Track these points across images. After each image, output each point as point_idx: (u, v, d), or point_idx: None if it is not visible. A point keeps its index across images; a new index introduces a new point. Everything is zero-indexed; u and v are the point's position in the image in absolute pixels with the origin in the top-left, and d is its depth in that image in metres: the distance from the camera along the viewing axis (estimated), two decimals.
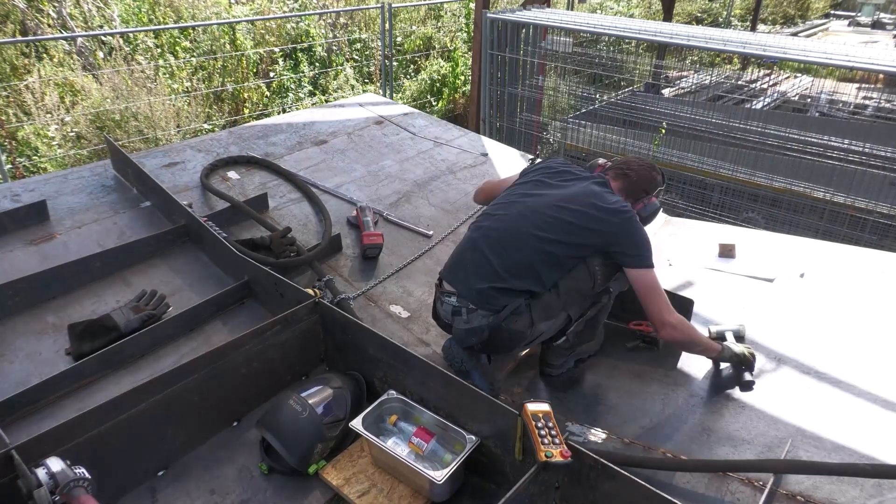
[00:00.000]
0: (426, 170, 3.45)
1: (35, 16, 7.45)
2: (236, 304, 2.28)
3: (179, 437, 1.74)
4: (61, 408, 1.79)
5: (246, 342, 1.86)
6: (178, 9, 8.39)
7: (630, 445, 1.84)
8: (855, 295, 2.52)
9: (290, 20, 8.46)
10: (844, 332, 2.30)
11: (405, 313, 2.39)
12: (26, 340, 2.01)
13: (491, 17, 5.89)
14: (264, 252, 2.45)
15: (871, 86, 7.32)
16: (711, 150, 5.25)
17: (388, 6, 7.43)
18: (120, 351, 1.95)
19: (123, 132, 6.35)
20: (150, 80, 6.80)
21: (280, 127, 3.68)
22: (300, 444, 1.72)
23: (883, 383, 2.03)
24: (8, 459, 1.41)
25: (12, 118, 6.16)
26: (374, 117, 3.99)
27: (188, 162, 3.14)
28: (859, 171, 4.58)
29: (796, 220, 4.82)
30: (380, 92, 8.39)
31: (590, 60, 6.17)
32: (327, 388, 1.85)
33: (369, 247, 2.63)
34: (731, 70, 9.76)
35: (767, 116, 5.70)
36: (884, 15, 19.11)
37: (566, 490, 1.56)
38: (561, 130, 6.14)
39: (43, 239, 2.46)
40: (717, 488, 1.67)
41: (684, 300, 2.22)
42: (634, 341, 2.26)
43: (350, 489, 1.67)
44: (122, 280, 2.32)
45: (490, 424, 1.65)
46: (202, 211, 2.71)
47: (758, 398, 1.99)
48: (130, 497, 1.63)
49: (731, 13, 15.80)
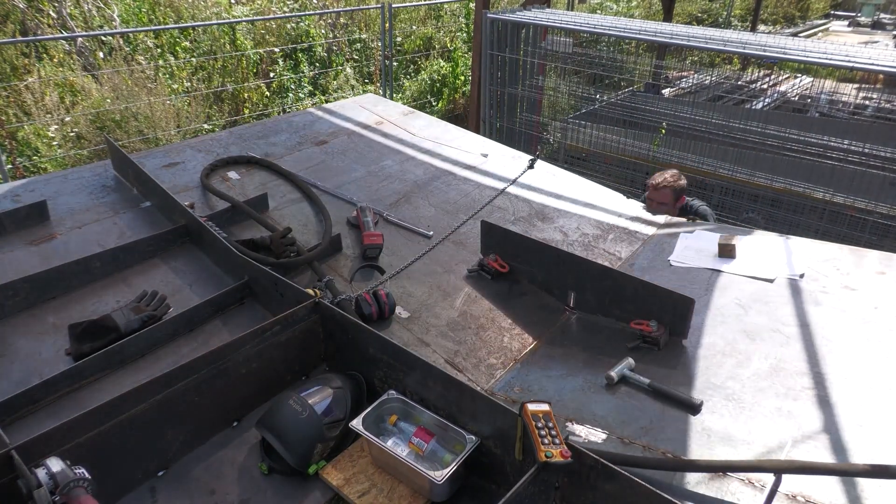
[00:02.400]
0: (426, 170, 3.45)
1: (35, 16, 7.46)
2: (236, 304, 2.28)
3: (179, 437, 1.74)
4: (61, 408, 1.79)
5: (246, 342, 1.86)
6: (178, 9, 8.39)
7: (630, 445, 1.84)
8: (855, 295, 2.51)
9: (290, 20, 8.46)
10: (844, 333, 2.30)
11: (405, 313, 2.39)
12: (26, 340, 2.01)
13: (491, 17, 5.89)
14: (264, 252, 2.45)
15: (871, 86, 7.32)
16: (711, 151, 5.26)
17: (388, 6, 7.43)
18: (120, 351, 1.95)
19: (123, 132, 6.35)
20: (150, 80, 6.80)
21: (280, 127, 3.68)
22: (300, 444, 1.72)
23: (883, 383, 2.03)
24: (8, 459, 1.41)
25: (12, 118, 6.16)
26: (374, 117, 3.99)
27: (188, 162, 3.14)
28: (859, 172, 4.58)
29: (796, 221, 4.83)
30: (380, 92, 8.39)
31: (590, 60, 6.17)
32: (327, 388, 1.85)
33: (369, 247, 2.63)
34: (731, 70, 9.76)
35: (767, 117, 5.70)
36: (884, 15, 19.11)
37: (566, 490, 1.56)
38: (561, 130, 6.15)
39: (43, 239, 2.46)
40: (717, 488, 1.67)
41: (684, 300, 2.22)
42: (635, 341, 2.26)
43: (350, 489, 1.67)
44: (122, 280, 2.32)
45: (490, 424, 1.65)
46: (202, 211, 2.71)
47: (758, 398, 1.99)
48: (130, 497, 1.63)
49: (731, 13, 15.80)
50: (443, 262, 2.72)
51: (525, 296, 2.58)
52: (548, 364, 2.24)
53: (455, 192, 3.28)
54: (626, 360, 2.13)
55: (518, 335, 2.38)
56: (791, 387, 2.04)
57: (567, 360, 2.26)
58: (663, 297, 2.25)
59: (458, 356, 2.23)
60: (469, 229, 2.93)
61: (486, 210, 3.11)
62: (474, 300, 2.52)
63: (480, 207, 3.11)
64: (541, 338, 2.38)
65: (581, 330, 2.43)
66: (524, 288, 2.62)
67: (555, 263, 2.51)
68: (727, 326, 2.33)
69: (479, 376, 2.16)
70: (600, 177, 5.27)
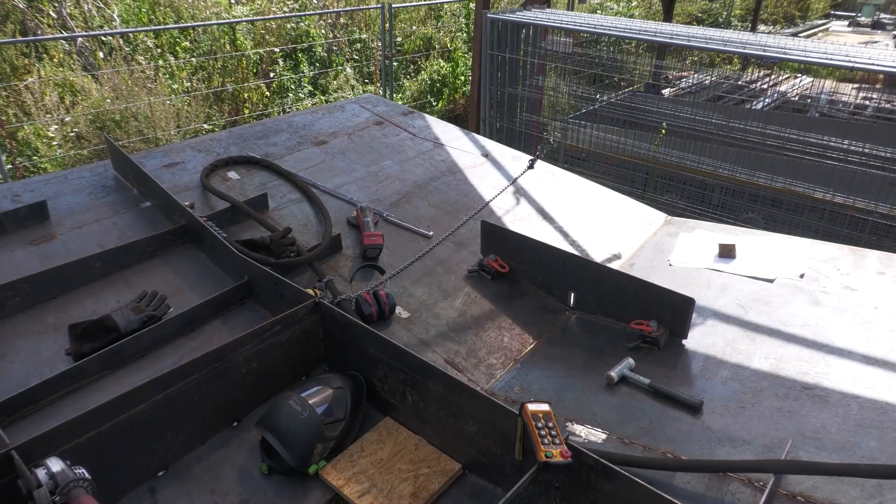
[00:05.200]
0: (426, 170, 3.45)
1: (35, 16, 7.46)
2: (236, 304, 2.28)
3: (179, 437, 1.74)
4: (61, 408, 1.79)
5: (246, 342, 1.85)
6: (178, 9, 8.40)
7: (630, 445, 1.84)
8: (855, 295, 2.52)
9: (290, 20, 8.46)
10: (844, 333, 2.30)
11: (405, 313, 2.39)
12: (26, 340, 2.01)
13: (491, 17, 5.89)
14: (264, 252, 2.45)
15: (871, 86, 7.33)
16: (711, 151, 5.26)
17: (388, 6, 7.43)
18: (120, 351, 1.95)
19: (123, 132, 6.35)
20: (150, 80, 6.81)
21: (280, 127, 3.68)
22: (300, 444, 1.72)
23: (883, 383, 2.03)
24: (8, 459, 1.41)
25: (12, 118, 6.16)
26: (374, 118, 3.99)
27: (188, 162, 3.14)
28: (859, 172, 4.58)
29: (796, 221, 4.83)
30: (380, 92, 8.39)
31: (590, 61, 6.17)
32: (327, 388, 1.85)
33: (369, 247, 2.63)
34: (731, 70, 9.76)
35: (767, 117, 5.70)
36: (884, 15, 19.12)
37: (566, 490, 1.56)
38: (561, 130, 6.15)
39: (43, 239, 2.46)
40: (717, 488, 1.67)
41: (684, 300, 2.22)
42: (635, 341, 2.26)
43: (350, 489, 1.67)
44: (122, 280, 2.32)
45: (490, 424, 1.65)
46: (202, 211, 2.71)
47: (758, 398, 1.99)
48: (130, 497, 1.63)
49: (731, 13, 15.80)
50: (443, 262, 2.72)
51: (525, 296, 2.58)
52: (548, 364, 2.25)
53: (455, 192, 3.28)
54: (626, 360, 2.14)
55: (518, 335, 2.38)
56: (791, 387, 2.04)
57: (567, 360, 2.27)
58: (663, 297, 2.25)
59: (458, 356, 2.23)
60: (469, 229, 2.93)
61: (486, 210, 3.11)
62: (474, 300, 2.52)
63: (480, 207, 3.11)
64: (541, 338, 2.38)
65: (581, 330, 2.43)
66: (524, 288, 2.62)
67: (555, 263, 2.51)
68: (727, 326, 2.34)
69: (479, 376, 2.16)
70: (600, 177, 5.27)
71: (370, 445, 1.81)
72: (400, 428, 1.88)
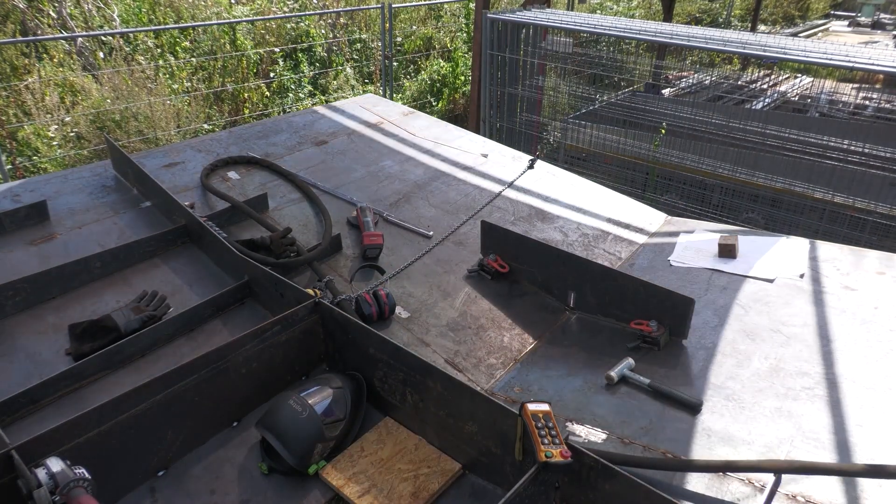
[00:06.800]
0: (426, 170, 3.45)
1: (35, 16, 7.46)
2: (236, 304, 2.28)
3: (179, 437, 1.74)
4: (61, 408, 1.79)
5: (246, 342, 1.86)
6: (178, 9, 8.40)
7: (630, 445, 1.84)
8: (855, 295, 2.51)
9: (290, 20, 8.47)
10: (844, 333, 2.30)
11: (405, 313, 2.39)
12: (26, 340, 2.01)
13: (491, 17, 5.89)
14: (264, 252, 2.45)
15: (871, 86, 7.33)
16: (711, 151, 5.26)
17: (388, 6, 7.43)
18: (120, 351, 1.95)
19: (123, 132, 6.36)
20: (150, 80, 6.81)
21: (280, 127, 3.68)
22: (300, 444, 1.72)
23: (883, 383, 2.03)
24: (8, 459, 1.41)
25: (12, 118, 6.16)
26: (375, 117, 3.99)
27: (188, 162, 3.14)
28: (859, 172, 4.58)
29: (796, 221, 4.83)
30: (380, 92, 8.39)
31: (590, 61, 6.17)
32: (327, 388, 1.85)
33: (369, 247, 2.63)
34: (731, 70, 9.76)
35: (767, 117, 5.70)
36: (884, 15, 19.12)
37: (566, 490, 1.56)
38: (561, 130, 6.15)
39: (43, 239, 2.46)
40: (717, 488, 1.67)
41: (684, 300, 2.22)
42: (635, 341, 2.26)
43: (350, 489, 1.67)
44: (122, 280, 2.32)
45: (490, 424, 1.65)
46: (202, 211, 2.71)
47: (758, 398, 1.99)
48: (130, 497, 1.63)
49: (731, 13, 15.80)
50: (443, 262, 2.72)
51: (525, 296, 2.59)
52: (548, 364, 2.25)
53: (455, 192, 3.28)
54: (626, 360, 2.14)
55: (518, 335, 2.38)
56: (791, 387, 2.04)
57: (567, 360, 2.27)
58: (663, 298, 2.25)
59: (458, 356, 2.23)
60: (469, 229, 2.93)
61: (486, 210, 3.11)
62: (474, 300, 2.52)
63: (480, 207, 3.11)
64: (541, 338, 2.38)
65: (581, 330, 2.43)
66: (524, 288, 2.62)
67: (555, 263, 2.51)
68: (727, 326, 2.34)
69: (479, 376, 2.16)
70: (600, 177, 5.27)
71: (370, 445, 1.81)
72: (400, 428, 1.88)
